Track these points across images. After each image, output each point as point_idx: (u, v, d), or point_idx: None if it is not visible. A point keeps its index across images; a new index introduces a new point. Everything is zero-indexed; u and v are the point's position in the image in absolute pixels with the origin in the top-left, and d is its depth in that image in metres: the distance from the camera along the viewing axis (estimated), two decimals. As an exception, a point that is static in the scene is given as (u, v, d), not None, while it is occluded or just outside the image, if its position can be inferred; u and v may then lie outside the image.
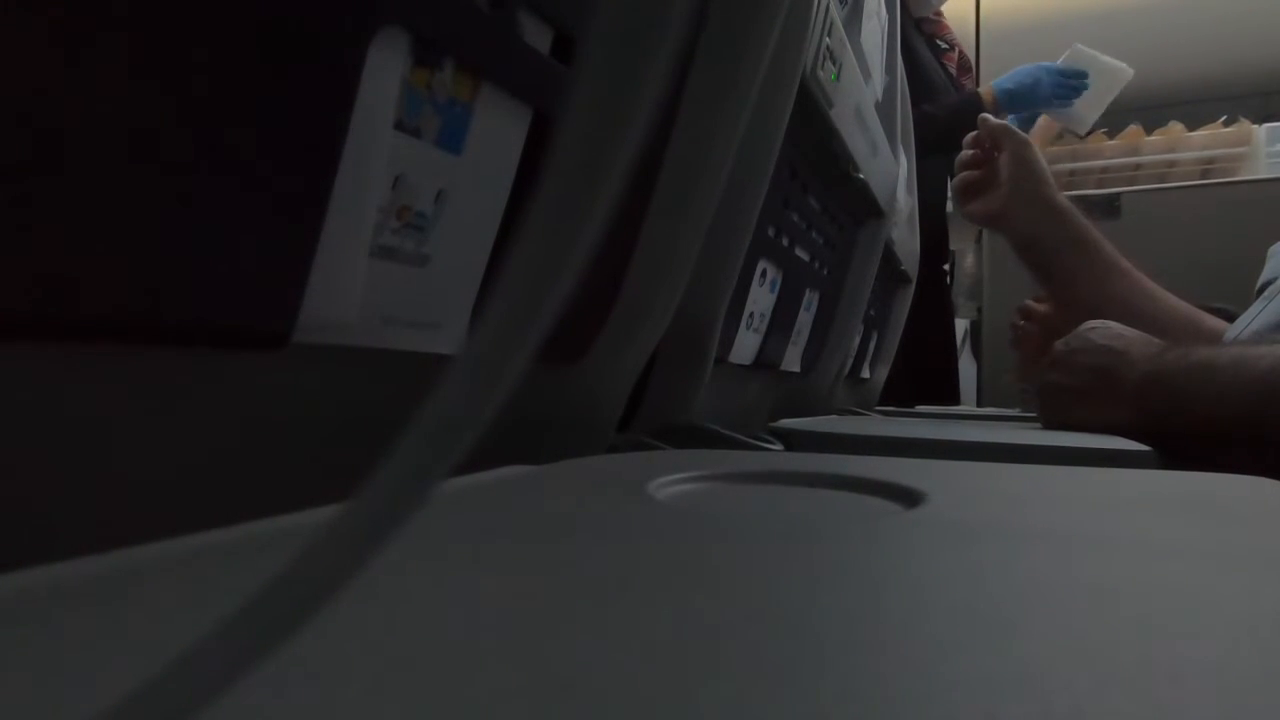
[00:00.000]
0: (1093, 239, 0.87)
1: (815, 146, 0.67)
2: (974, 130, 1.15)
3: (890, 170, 0.89)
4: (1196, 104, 1.87)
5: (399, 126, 0.27)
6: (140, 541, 0.15)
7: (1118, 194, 1.56)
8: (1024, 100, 1.66)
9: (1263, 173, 1.53)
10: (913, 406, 1.31)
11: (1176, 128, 1.65)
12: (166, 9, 0.19)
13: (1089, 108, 1.66)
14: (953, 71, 1.83)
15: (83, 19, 0.18)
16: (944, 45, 1.84)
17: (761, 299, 0.69)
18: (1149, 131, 1.66)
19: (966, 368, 2.07)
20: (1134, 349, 0.72)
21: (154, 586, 0.14)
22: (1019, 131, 0.97)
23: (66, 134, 0.18)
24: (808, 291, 0.81)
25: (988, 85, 1.70)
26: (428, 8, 0.26)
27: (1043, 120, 1.23)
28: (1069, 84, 1.64)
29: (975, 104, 1.67)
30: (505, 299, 0.06)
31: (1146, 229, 1.52)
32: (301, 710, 0.09)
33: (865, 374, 1.34)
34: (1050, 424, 0.77)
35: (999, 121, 0.99)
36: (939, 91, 1.73)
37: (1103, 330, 0.77)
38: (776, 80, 0.51)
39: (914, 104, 1.63)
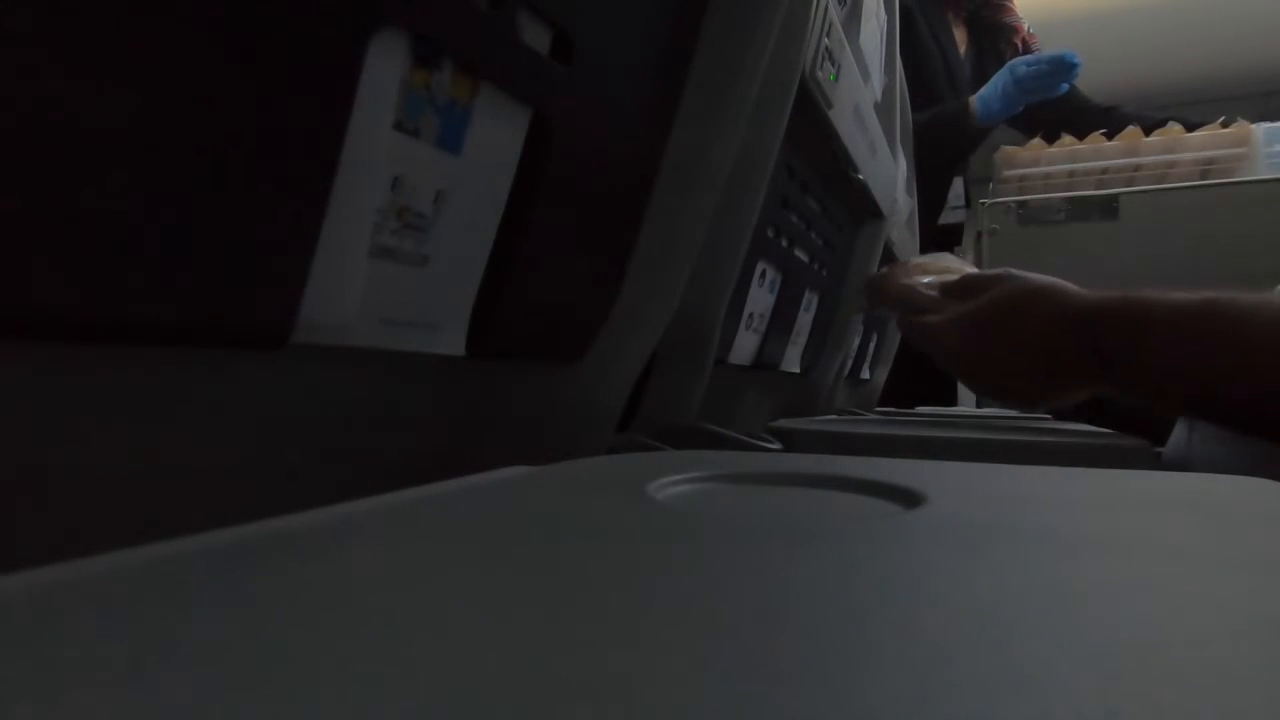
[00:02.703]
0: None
1: (814, 147, 0.67)
2: (952, 139, 1.05)
3: (889, 171, 0.89)
4: (1195, 105, 1.88)
5: (398, 127, 0.27)
6: (140, 542, 0.15)
7: (1116, 195, 1.56)
8: (996, 104, 1.65)
9: (1262, 173, 1.53)
10: (912, 408, 1.31)
11: (1175, 128, 1.65)
12: (165, 9, 0.19)
13: None
14: (1021, 49, 1.81)
15: (81, 18, 0.18)
16: (1011, 25, 1.83)
17: (761, 299, 0.69)
18: (1148, 133, 1.66)
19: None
20: (1059, 282, 0.56)
21: (154, 587, 0.14)
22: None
23: (65, 135, 0.18)
24: (807, 292, 0.81)
25: (974, 96, 1.69)
26: (427, 8, 0.26)
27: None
28: (1033, 75, 1.62)
29: (955, 114, 1.66)
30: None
31: (1145, 230, 1.52)
32: (300, 710, 0.09)
33: (865, 375, 1.34)
34: (1001, 396, 0.59)
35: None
36: (960, 89, 1.72)
37: (1007, 273, 0.59)
38: (776, 80, 0.51)
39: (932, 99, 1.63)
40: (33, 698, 0.09)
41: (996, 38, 1.85)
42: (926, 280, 0.69)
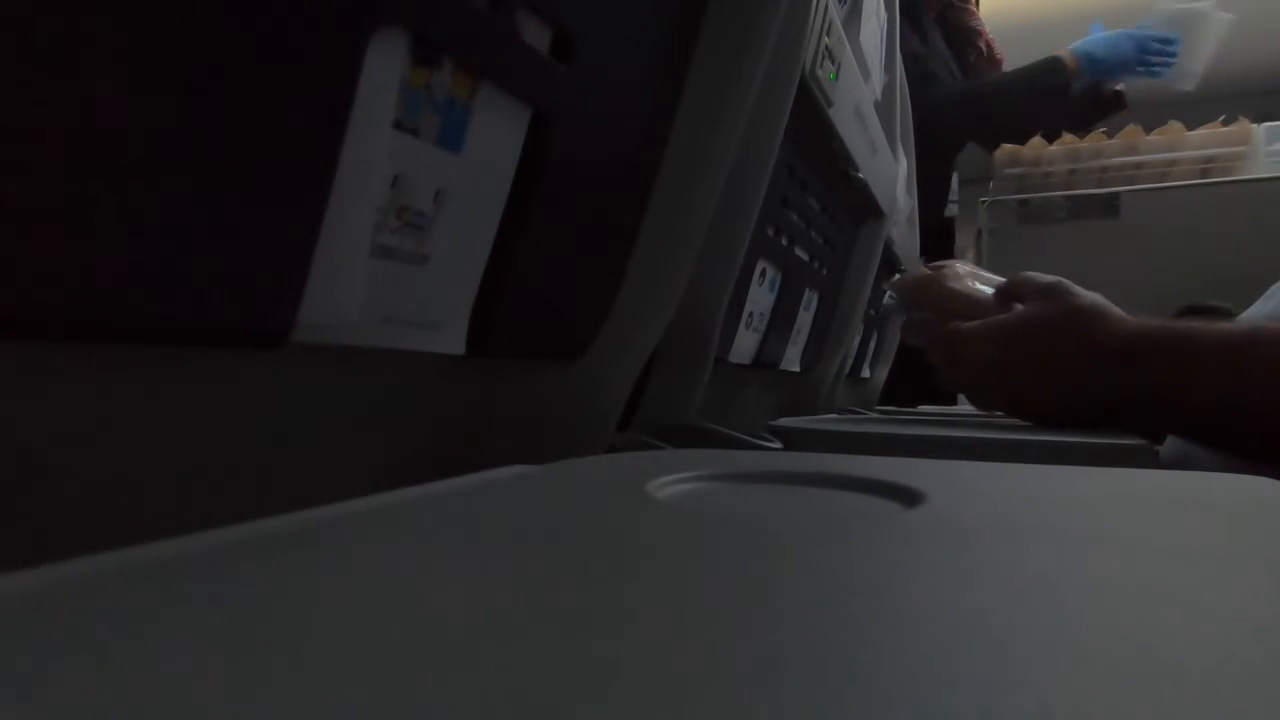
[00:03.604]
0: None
1: (814, 146, 0.67)
2: (1055, 101, 1.00)
3: (890, 170, 0.89)
4: (1195, 103, 1.88)
5: (398, 126, 0.27)
6: (140, 541, 0.15)
7: (1117, 193, 1.57)
8: (1108, 67, 1.62)
9: (1262, 172, 1.53)
10: (913, 406, 1.31)
11: (1176, 127, 1.65)
12: (164, 8, 0.19)
13: (1191, 63, 1.63)
14: (986, 54, 1.81)
15: (79, 18, 0.18)
16: (975, 29, 1.83)
17: (761, 298, 0.69)
18: (1148, 131, 1.66)
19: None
20: (1104, 304, 0.57)
21: (154, 587, 0.14)
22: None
23: (65, 134, 0.18)
24: (807, 291, 0.81)
25: (1066, 49, 1.65)
26: (426, 7, 0.26)
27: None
28: (1156, 51, 1.61)
29: (1055, 69, 1.63)
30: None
31: (1146, 228, 1.52)
32: (299, 711, 0.09)
33: (865, 373, 1.34)
34: (1016, 411, 0.61)
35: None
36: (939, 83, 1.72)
37: (1039, 280, 0.60)
38: (776, 79, 0.51)
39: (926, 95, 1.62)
40: (33, 698, 0.09)
41: (963, 41, 1.84)
42: (980, 287, 0.69)
